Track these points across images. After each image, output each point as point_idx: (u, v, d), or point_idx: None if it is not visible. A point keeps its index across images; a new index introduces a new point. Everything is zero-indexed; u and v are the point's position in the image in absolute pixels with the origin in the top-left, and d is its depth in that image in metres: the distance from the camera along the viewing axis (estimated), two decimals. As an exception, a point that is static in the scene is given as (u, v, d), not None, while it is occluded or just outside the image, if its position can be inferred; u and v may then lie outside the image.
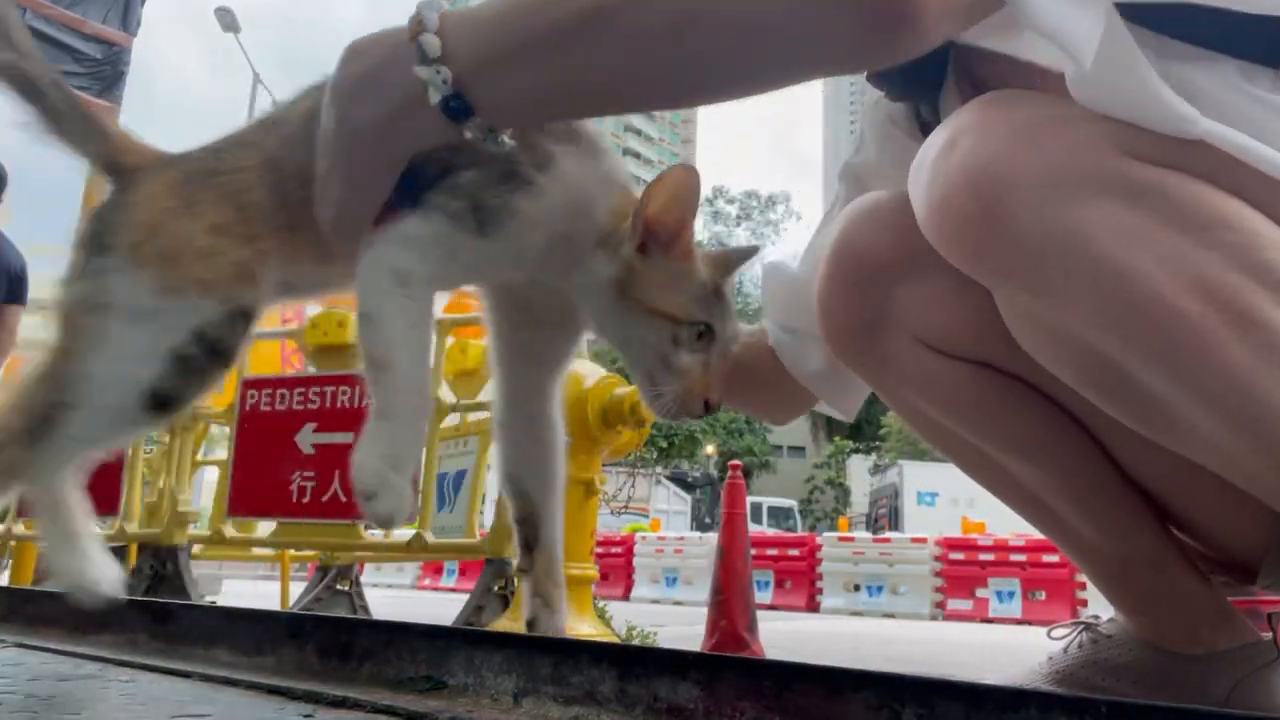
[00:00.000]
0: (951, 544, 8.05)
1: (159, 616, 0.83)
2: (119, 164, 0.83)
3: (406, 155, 0.71)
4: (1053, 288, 0.71)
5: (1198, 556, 0.96)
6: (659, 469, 26.80)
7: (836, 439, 37.36)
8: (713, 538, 5.06)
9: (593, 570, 2.70)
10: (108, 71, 4.40)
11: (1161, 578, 0.93)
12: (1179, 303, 0.65)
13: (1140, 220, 0.67)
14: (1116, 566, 0.96)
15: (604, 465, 2.59)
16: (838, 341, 0.96)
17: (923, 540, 8.24)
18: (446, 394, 2.69)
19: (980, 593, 7.56)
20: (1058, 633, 1.08)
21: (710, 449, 30.95)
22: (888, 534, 10.75)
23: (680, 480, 25.82)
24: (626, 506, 21.14)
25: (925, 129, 1.01)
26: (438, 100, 0.65)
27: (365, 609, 3.50)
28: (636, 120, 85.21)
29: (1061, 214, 0.69)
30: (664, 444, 27.46)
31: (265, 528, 3.10)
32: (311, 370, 2.84)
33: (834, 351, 0.99)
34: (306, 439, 2.57)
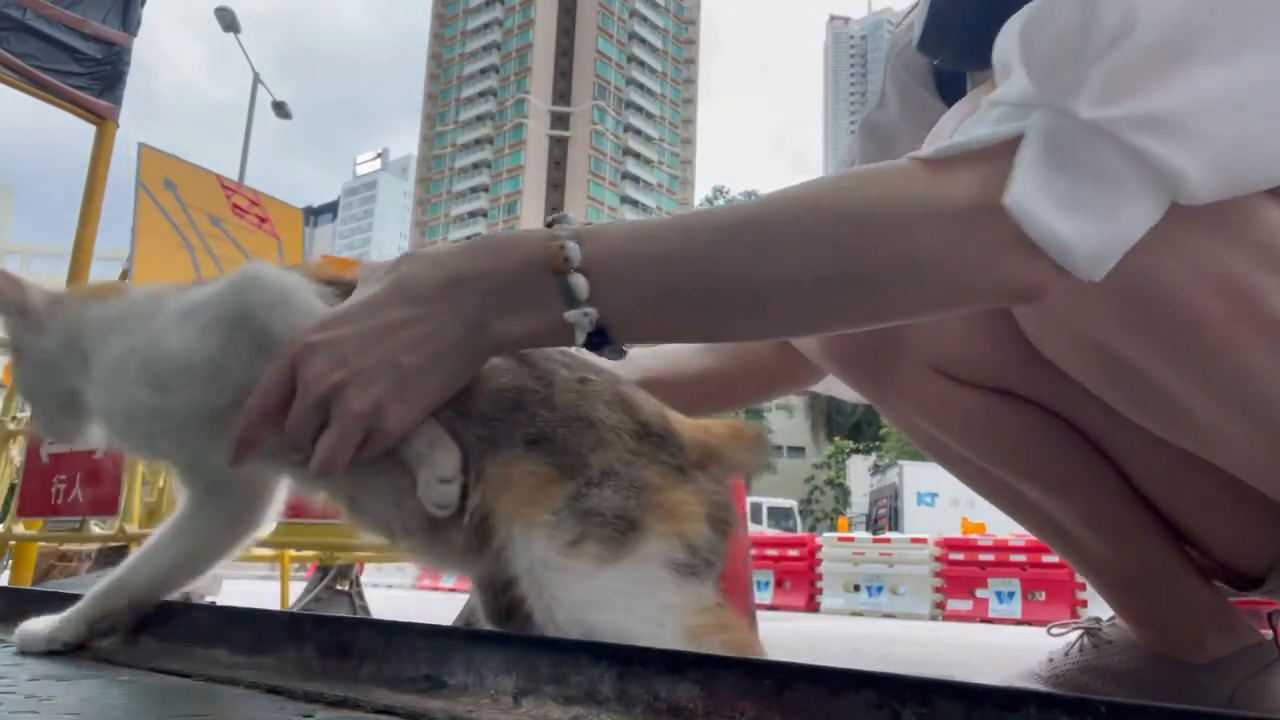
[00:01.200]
0: (951, 544, 8.05)
1: (160, 617, 0.83)
2: None
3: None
4: (1073, 289, 0.70)
5: (1206, 561, 0.95)
6: (659, 469, 26.67)
7: (836, 439, 37.30)
8: (713, 538, 5.03)
9: (593, 570, 2.69)
10: (108, 71, 4.39)
11: (1170, 590, 0.92)
12: (1202, 303, 0.63)
13: (1163, 219, 0.66)
14: (1125, 579, 0.95)
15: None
16: (847, 370, 0.94)
17: (923, 540, 8.24)
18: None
19: (980, 593, 7.56)
20: (1058, 629, 1.08)
21: (710, 449, 30.80)
22: (888, 534, 10.74)
23: (680, 480, 25.70)
24: (626, 507, 21.04)
25: (941, 87, 1.00)
26: (583, 339, 0.63)
27: (365, 609, 3.50)
28: (636, 121, 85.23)
29: None
30: (664, 444, 27.35)
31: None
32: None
33: (841, 378, 0.97)
34: (306, 439, 2.57)
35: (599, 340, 0.63)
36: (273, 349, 0.66)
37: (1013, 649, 3.90)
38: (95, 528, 3.11)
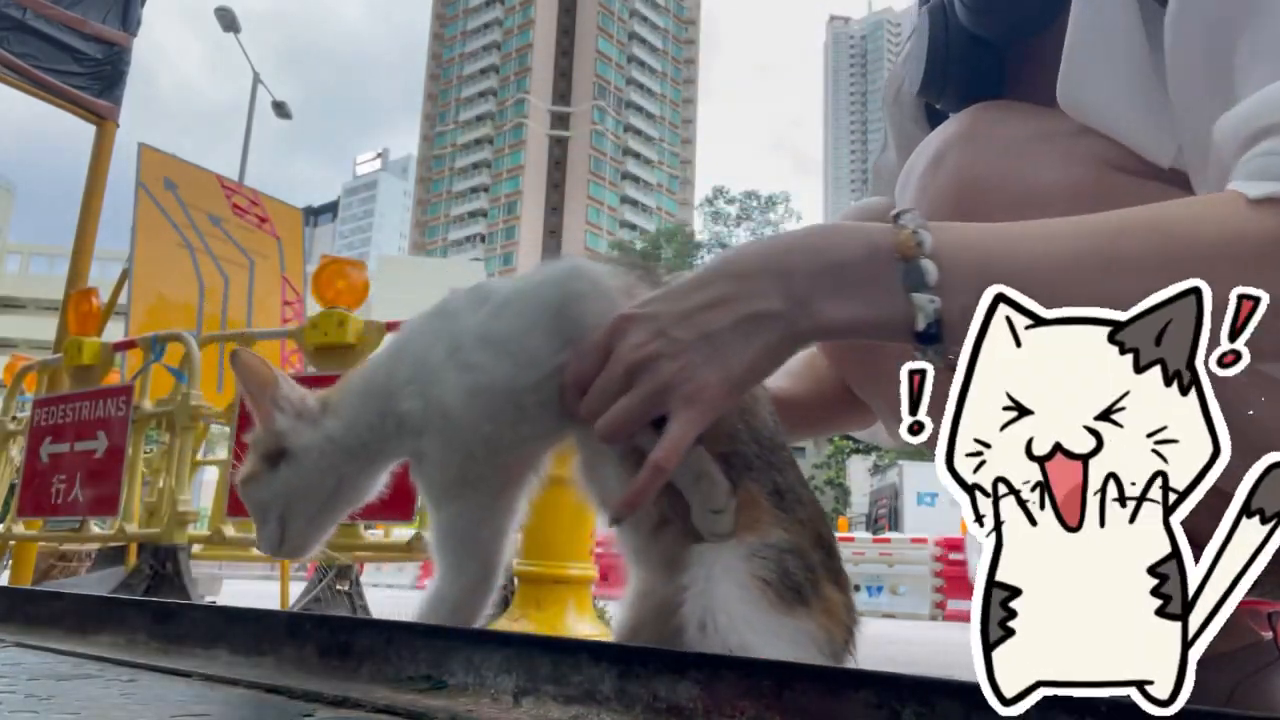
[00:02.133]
0: (951, 544, 8.05)
1: (159, 616, 0.83)
2: None
3: None
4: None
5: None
6: (659, 469, 26.68)
7: (836, 439, 37.29)
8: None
9: (592, 570, 2.70)
10: (108, 71, 4.39)
11: None
12: None
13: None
14: None
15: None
16: (835, 351, 0.96)
17: (923, 540, 8.25)
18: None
19: (980, 593, 7.57)
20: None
21: (710, 449, 30.83)
22: (887, 534, 10.74)
23: (680, 480, 25.72)
24: (626, 507, 21.06)
25: (933, 121, 1.01)
26: (923, 325, 0.59)
27: (365, 609, 3.50)
28: (636, 121, 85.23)
29: None
30: (664, 444, 27.38)
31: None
32: (311, 370, 2.85)
33: (831, 362, 0.99)
34: (306, 439, 2.57)
35: (932, 334, 0.59)
36: (578, 336, 0.71)
37: (1013, 649, 3.88)
38: (95, 528, 3.11)
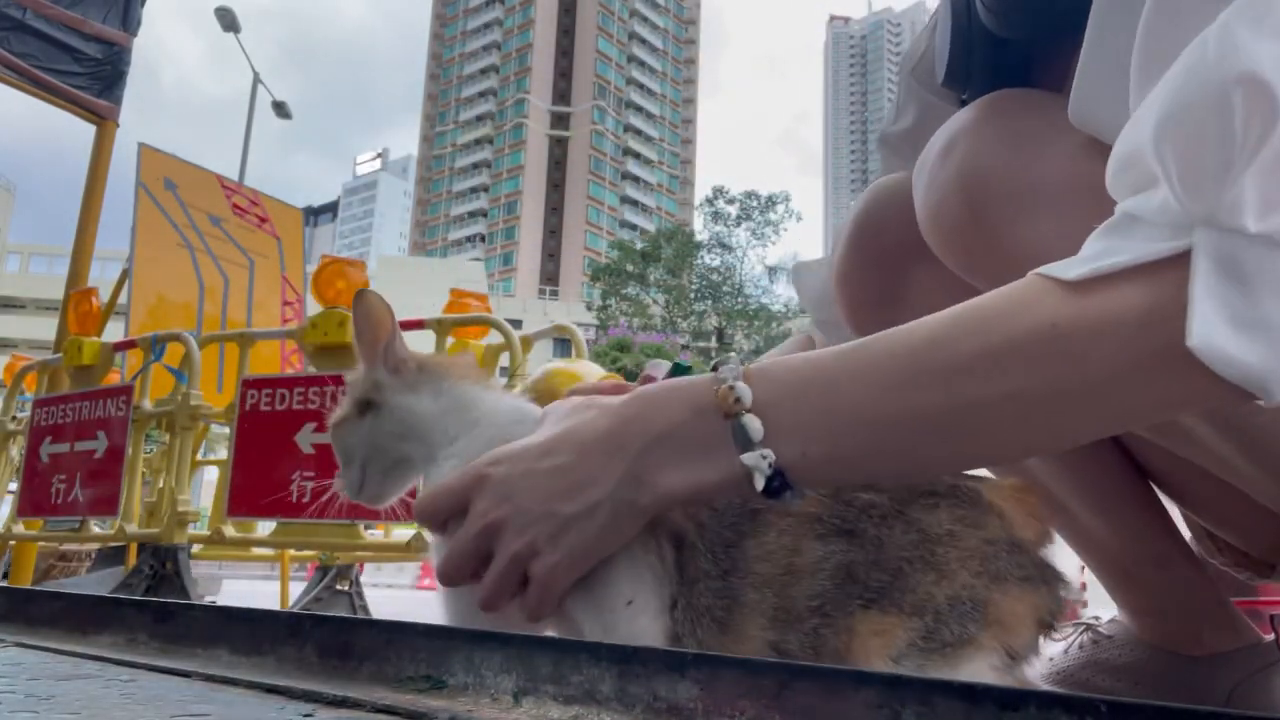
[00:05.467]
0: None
1: (159, 616, 0.83)
2: None
3: None
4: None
5: (1224, 547, 0.96)
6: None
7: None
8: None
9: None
10: (108, 71, 4.40)
11: (1167, 578, 0.93)
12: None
13: None
14: (1124, 564, 0.96)
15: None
16: (855, 316, 0.96)
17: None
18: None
19: (980, 593, 7.58)
20: (1057, 633, 1.08)
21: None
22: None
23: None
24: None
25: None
26: (762, 483, 0.58)
27: (365, 609, 3.50)
28: (636, 120, 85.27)
29: (1054, 227, 0.68)
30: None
31: (265, 528, 3.11)
32: (311, 370, 2.85)
33: (850, 327, 0.99)
34: (306, 439, 2.57)
35: (779, 485, 0.59)
36: None
37: (1013, 649, 3.89)
38: (95, 528, 3.11)
